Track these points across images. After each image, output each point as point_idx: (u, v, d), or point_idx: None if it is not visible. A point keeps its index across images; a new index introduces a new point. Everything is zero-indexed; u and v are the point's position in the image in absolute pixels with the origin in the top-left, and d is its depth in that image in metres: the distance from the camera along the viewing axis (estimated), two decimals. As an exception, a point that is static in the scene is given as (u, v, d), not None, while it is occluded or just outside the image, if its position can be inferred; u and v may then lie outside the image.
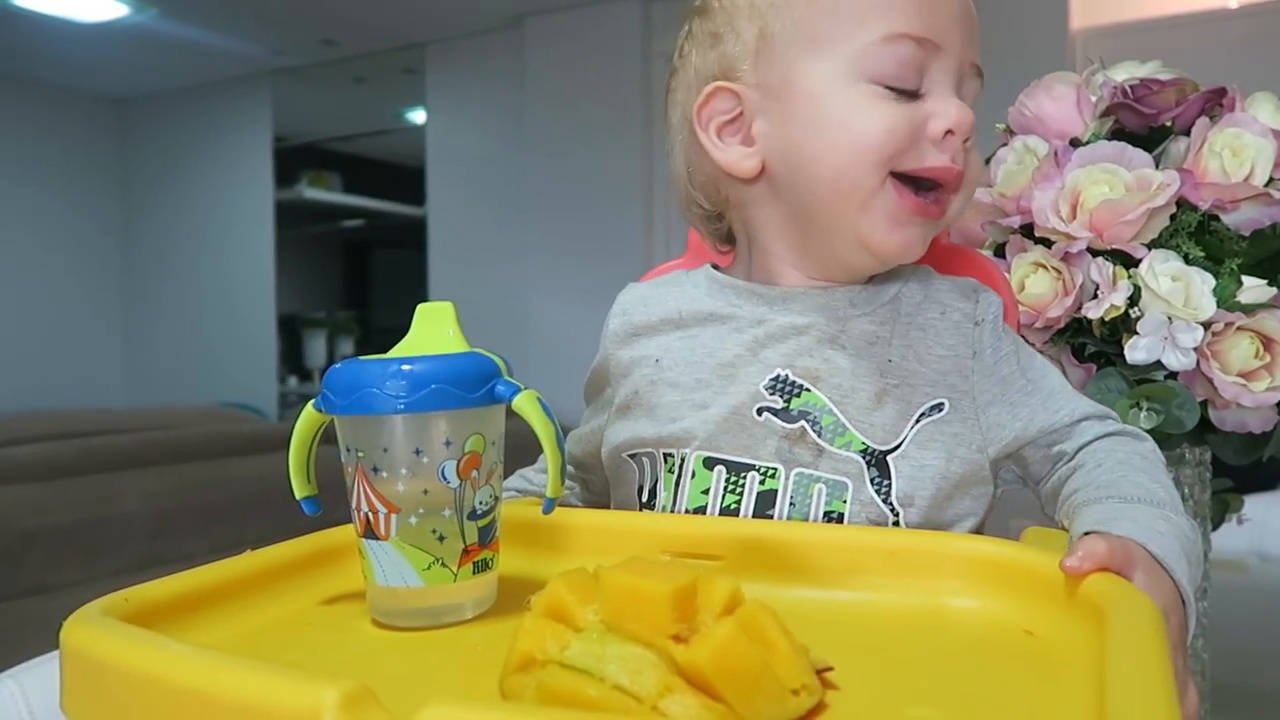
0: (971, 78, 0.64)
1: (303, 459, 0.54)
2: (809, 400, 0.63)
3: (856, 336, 0.65)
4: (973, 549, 0.52)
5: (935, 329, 0.66)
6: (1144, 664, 0.36)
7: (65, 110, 4.94)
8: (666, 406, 0.67)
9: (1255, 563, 1.70)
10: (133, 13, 3.84)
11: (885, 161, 0.61)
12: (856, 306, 0.66)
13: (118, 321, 5.18)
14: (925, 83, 0.62)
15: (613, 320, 0.73)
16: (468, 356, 0.50)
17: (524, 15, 3.83)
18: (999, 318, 0.67)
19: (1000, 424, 0.64)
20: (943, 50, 0.62)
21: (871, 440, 0.62)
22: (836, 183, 0.62)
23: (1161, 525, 0.50)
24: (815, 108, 0.63)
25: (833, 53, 0.62)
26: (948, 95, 0.62)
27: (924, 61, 0.61)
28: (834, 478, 0.62)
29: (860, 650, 0.45)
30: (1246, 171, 0.79)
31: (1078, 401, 0.65)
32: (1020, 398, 0.64)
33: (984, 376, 0.64)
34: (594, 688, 0.36)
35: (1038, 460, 0.65)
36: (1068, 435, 0.64)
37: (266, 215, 4.71)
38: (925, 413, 0.63)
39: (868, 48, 0.61)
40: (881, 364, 0.64)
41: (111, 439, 2.02)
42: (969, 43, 0.63)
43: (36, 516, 1.73)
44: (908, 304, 0.67)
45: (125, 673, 0.37)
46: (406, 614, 0.49)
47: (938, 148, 0.61)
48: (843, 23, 0.62)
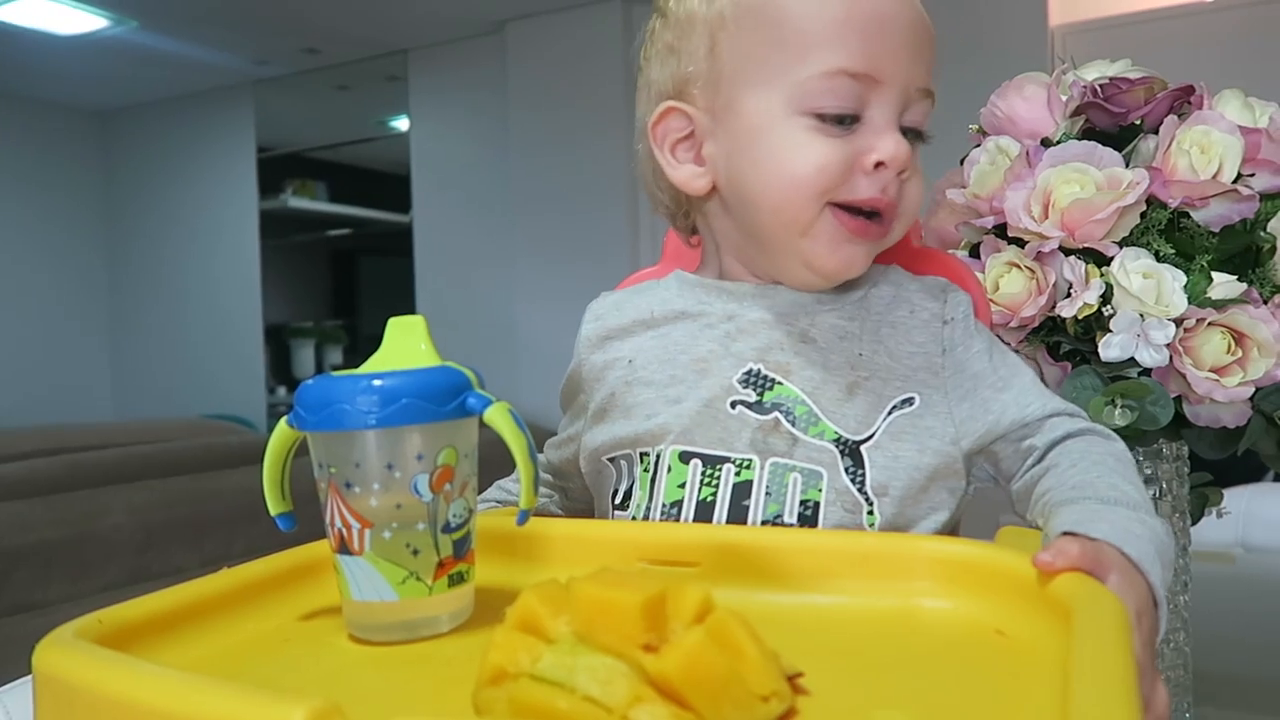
0: (920, 100, 0.66)
1: (277, 475, 0.54)
2: (781, 392, 0.65)
3: (827, 330, 0.67)
4: (944, 550, 0.52)
5: (905, 326, 0.67)
6: (1106, 662, 0.36)
7: (47, 123, 4.93)
8: (641, 404, 0.67)
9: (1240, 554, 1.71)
10: (113, 25, 3.83)
11: (820, 195, 0.64)
12: (825, 303, 0.68)
13: (104, 335, 5.17)
14: (866, 113, 0.64)
15: (585, 326, 0.74)
16: (438, 370, 0.50)
17: (505, 21, 3.83)
18: (969, 315, 0.68)
19: (973, 418, 0.65)
20: (883, 83, 0.63)
21: (844, 430, 0.63)
22: (777, 214, 0.65)
23: (1137, 528, 0.51)
24: (755, 141, 0.65)
25: (775, 84, 0.64)
26: (885, 128, 0.63)
27: (864, 94, 0.63)
28: (809, 466, 0.63)
29: (832, 654, 0.46)
30: (1215, 168, 0.80)
31: (1048, 399, 0.66)
32: (991, 394, 0.66)
33: (955, 373, 0.66)
34: (564, 699, 0.36)
35: (1008, 455, 0.65)
36: (1038, 430, 0.64)
37: (251, 225, 4.70)
38: (897, 405, 0.64)
39: (808, 82, 0.63)
40: (852, 358, 0.66)
41: (98, 454, 2.01)
42: (915, 68, 0.65)
43: (23, 533, 1.72)
44: (877, 303, 0.69)
45: (97, 696, 0.37)
46: (382, 628, 0.50)
47: (869, 179, 0.64)
48: (787, 55, 0.63)
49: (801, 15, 0.63)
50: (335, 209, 4.77)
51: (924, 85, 0.66)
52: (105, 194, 5.17)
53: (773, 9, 0.64)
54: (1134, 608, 0.45)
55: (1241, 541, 1.70)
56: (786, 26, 0.63)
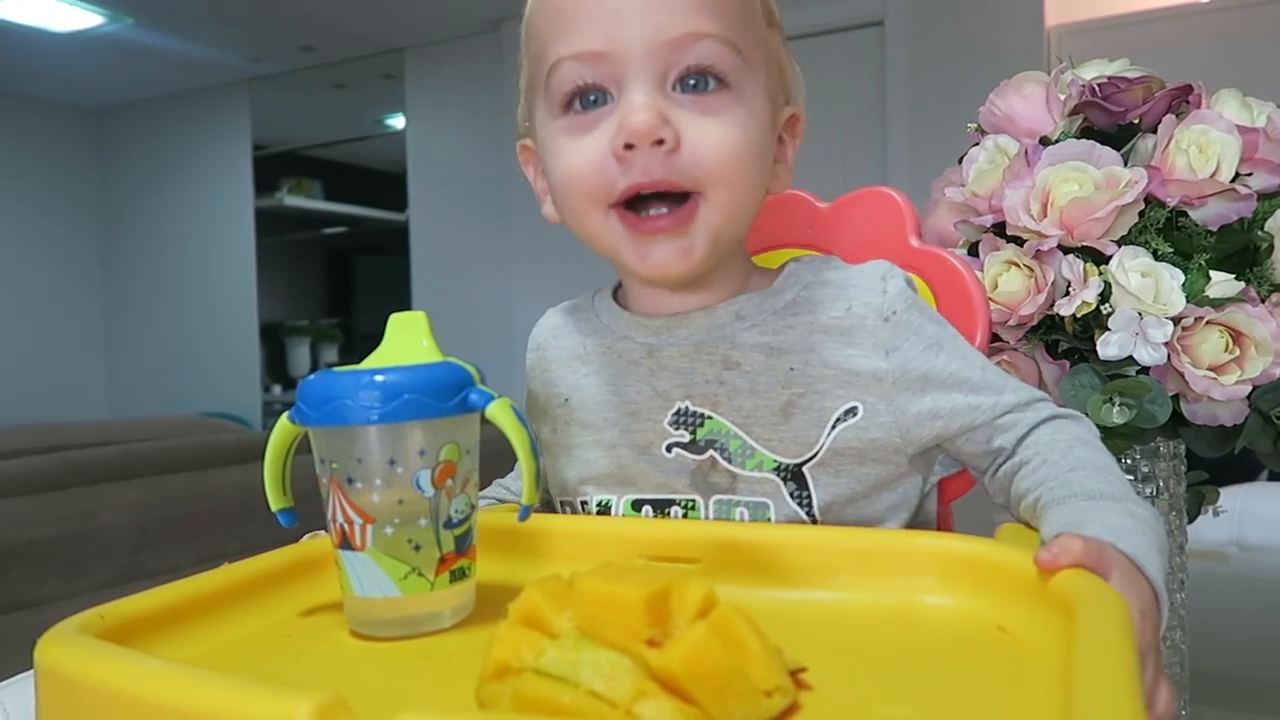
0: (691, 44, 0.57)
1: (278, 471, 0.54)
2: (713, 427, 0.62)
3: (750, 350, 0.62)
4: (946, 546, 0.52)
5: (840, 328, 0.62)
6: (1109, 660, 0.36)
7: (42, 121, 4.91)
8: (580, 447, 0.67)
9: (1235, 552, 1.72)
10: (109, 22, 3.82)
11: (591, 201, 0.59)
12: (746, 319, 0.64)
13: (99, 333, 5.15)
14: (618, 94, 0.58)
15: (529, 355, 0.73)
16: (441, 366, 0.50)
17: (502, 20, 3.83)
18: (911, 306, 0.62)
19: (920, 424, 0.62)
20: (613, 53, 0.57)
21: (783, 455, 0.61)
22: (579, 232, 0.62)
23: (1128, 522, 0.51)
24: (545, 161, 0.63)
25: (538, 96, 0.62)
26: (629, 103, 0.57)
27: (601, 74, 0.57)
28: (753, 499, 0.61)
29: (834, 650, 0.46)
30: (1213, 168, 0.80)
31: (1003, 390, 0.62)
32: (941, 394, 0.62)
33: (900, 376, 0.61)
34: (568, 694, 0.36)
35: (975, 454, 0.63)
36: (1000, 430, 0.62)
37: (247, 223, 4.69)
38: (840, 418, 0.61)
39: (548, 82, 0.60)
40: (783, 375, 0.62)
41: (93, 451, 2.00)
42: (656, 19, 0.56)
43: (18, 531, 1.72)
44: (806, 307, 0.63)
45: (99, 690, 0.37)
46: (384, 624, 0.50)
47: (624, 165, 0.57)
48: (537, 64, 0.61)
49: (535, 21, 0.61)
50: (331, 207, 4.76)
51: (682, 31, 0.56)
52: (101, 191, 5.15)
53: (528, 25, 0.63)
54: (1137, 606, 0.45)
55: (1237, 540, 1.71)
56: (533, 36, 0.62)
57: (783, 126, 0.66)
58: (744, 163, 0.59)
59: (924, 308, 0.64)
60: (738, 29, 0.58)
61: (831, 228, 0.83)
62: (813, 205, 0.84)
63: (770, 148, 0.63)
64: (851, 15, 3.32)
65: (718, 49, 0.57)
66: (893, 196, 0.80)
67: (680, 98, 0.57)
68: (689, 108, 0.57)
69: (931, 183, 0.98)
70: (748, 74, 0.59)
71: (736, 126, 0.58)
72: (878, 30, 3.28)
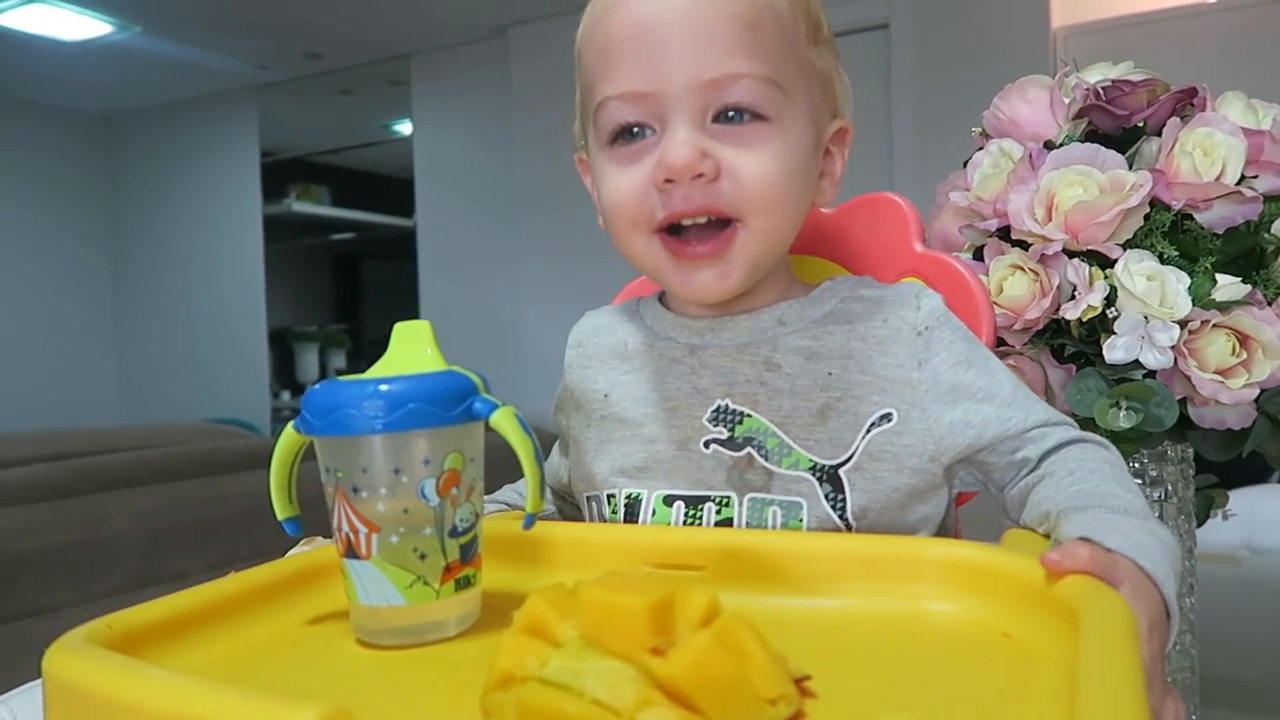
0: (731, 84, 0.59)
1: (284, 480, 0.54)
2: (751, 425, 0.63)
3: (791, 354, 0.64)
4: (951, 553, 0.52)
5: (877, 338, 0.64)
6: (1115, 667, 0.36)
7: (51, 128, 4.94)
8: (616, 441, 0.68)
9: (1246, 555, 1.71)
10: (117, 31, 3.84)
11: (634, 227, 0.63)
12: (787, 324, 0.66)
13: (108, 340, 5.18)
14: (662, 129, 0.61)
15: (569, 352, 0.74)
16: (444, 375, 0.50)
17: (508, 25, 3.84)
18: (944, 323, 0.65)
19: (954, 432, 0.63)
20: (656, 93, 0.60)
21: (819, 456, 0.62)
22: (624, 252, 0.65)
23: (1148, 539, 0.50)
24: (597, 182, 0.67)
25: (589, 126, 0.65)
26: (670, 140, 0.60)
27: (646, 111, 0.61)
28: (787, 499, 0.62)
29: (839, 657, 0.46)
30: (1218, 170, 0.80)
31: (1033, 408, 0.64)
32: (973, 406, 0.63)
33: (932, 386, 0.63)
34: (572, 703, 0.36)
35: (1000, 467, 0.64)
36: (1028, 441, 0.63)
37: (255, 230, 4.71)
38: (875, 423, 0.62)
39: (597, 117, 0.63)
40: (821, 378, 0.63)
41: (102, 458, 2.01)
42: (698, 60, 0.59)
43: (28, 539, 1.72)
44: (845, 317, 0.66)
45: (107, 701, 0.38)
46: (390, 633, 0.50)
47: (664, 195, 0.61)
48: (588, 96, 0.65)
49: (585, 55, 0.65)
50: (339, 213, 4.78)
51: (720, 72, 0.59)
52: (109, 198, 5.18)
53: (579, 54, 0.66)
54: (1146, 619, 0.45)
55: (1247, 543, 1.70)
56: (583, 67, 0.66)
57: (830, 140, 0.68)
58: (783, 192, 0.61)
59: (957, 326, 0.66)
60: (776, 63, 0.60)
61: (836, 232, 0.83)
62: (817, 210, 0.84)
63: (812, 169, 0.65)
64: (856, 19, 3.32)
65: (755, 87, 0.60)
66: (897, 201, 0.80)
67: (719, 129, 0.60)
68: (728, 140, 0.60)
69: (936, 187, 0.98)
70: (787, 105, 0.61)
71: (774, 158, 0.61)
72: (883, 33, 3.28)
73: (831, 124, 0.67)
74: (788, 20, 0.62)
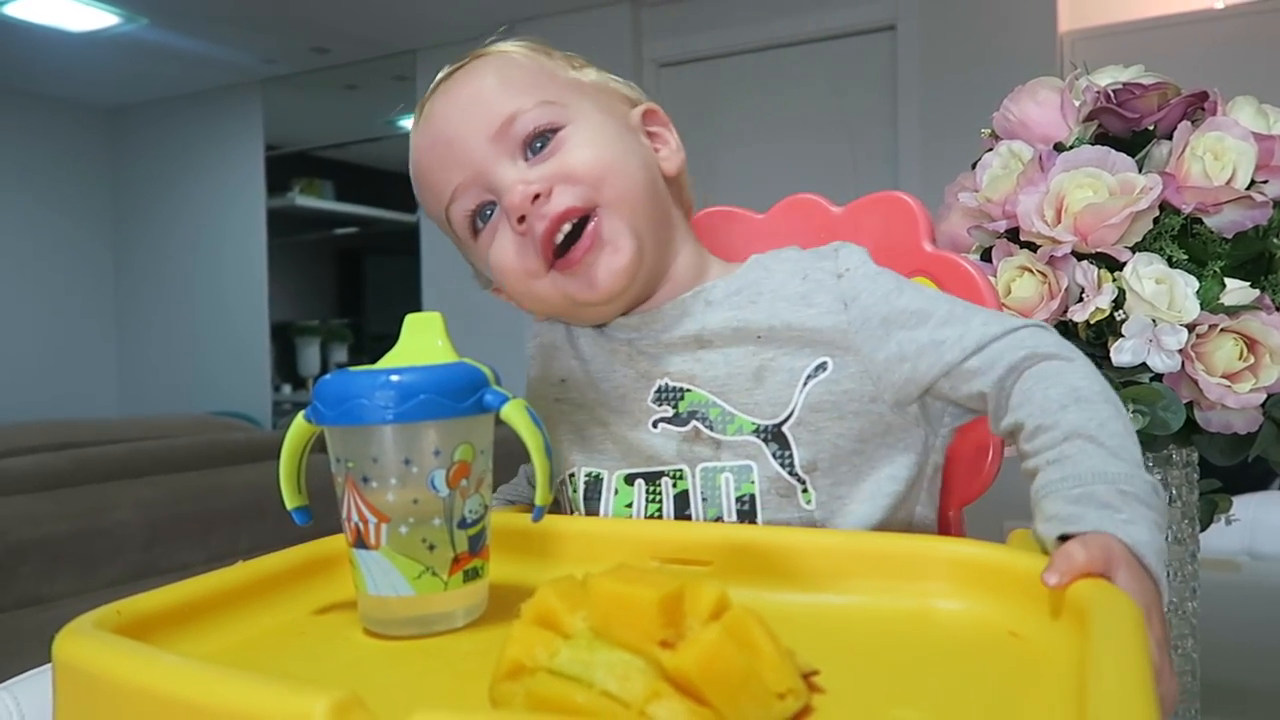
0: (513, 124, 0.66)
1: (293, 469, 0.54)
2: (693, 399, 0.66)
3: (719, 326, 0.67)
4: (958, 551, 0.52)
5: (800, 294, 0.67)
6: (1124, 666, 0.36)
7: (57, 120, 4.94)
8: (576, 425, 0.71)
9: (1247, 561, 1.71)
10: (123, 22, 3.84)
11: (529, 275, 0.68)
12: (713, 303, 0.69)
13: (111, 331, 5.18)
14: (497, 195, 0.67)
15: (529, 343, 0.79)
16: (456, 366, 0.50)
17: (514, 22, 3.83)
18: (866, 263, 0.67)
19: (890, 369, 0.64)
20: (473, 171, 0.67)
21: (761, 418, 0.64)
22: (538, 308, 0.72)
23: (1125, 510, 0.49)
24: (484, 269, 0.75)
25: (459, 243, 0.75)
26: (500, 191, 0.66)
27: (478, 194, 0.68)
28: (737, 463, 0.64)
29: (847, 653, 0.46)
30: (1228, 175, 0.80)
31: (970, 319, 0.63)
32: (905, 335, 0.63)
33: (862, 325, 0.64)
34: (582, 694, 0.36)
35: (966, 398, 0.63)
36: (976, 374, 0.61)
37: (259, 223, 4.71)
38: (811, 374, 0.64)
39: (454, 225, 0.71)
40: (753, 343, 0.66)
41: (105, 449, 2.01)
42: (480, 132, 0.66)
43: (30, 528, 1.72)
44: (766, 283, 0.68)
45: (117, 685, 0.38)
46: (398, 623, 0.50)
47: (529, 231, 0.66)
48: (439, 223, 0.74)
49: (418, 193, 0.74)
50: (342, 208, 4.77)
51: (501, 119, 0.66)
52: (114, 190, 5.18)
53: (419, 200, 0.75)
54: (1144, 603, 0.45)
55: (1249, 549, 1.70)
56: (425, 205, 0.74)
57: (642, 122, 0.73)
58: (609, 161, 0.67)
59: (880, 269, 0.67)
60: (542, 92, 0.68)
61: (845, 231, 0.83)
62: (826, 209, 0.84)
63: (632, 143, 0.70)
64: (864, 20, 3.32)
65: (535, 112, 0.67)
66: (906, 201, 0.80)
67: (533, 160, 0.67)
68: (544, 159, 0.67)
69: (945, 188, 0.98)
70: (572, 111, 0.68)
71: (584, 144, 0.67)
72: (890, 35, 3.28)
73: (632, 111, 0.73)
74: (534, 66, 0.70)
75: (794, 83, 3.47)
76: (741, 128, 3.57)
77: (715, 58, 3.61)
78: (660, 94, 3.72)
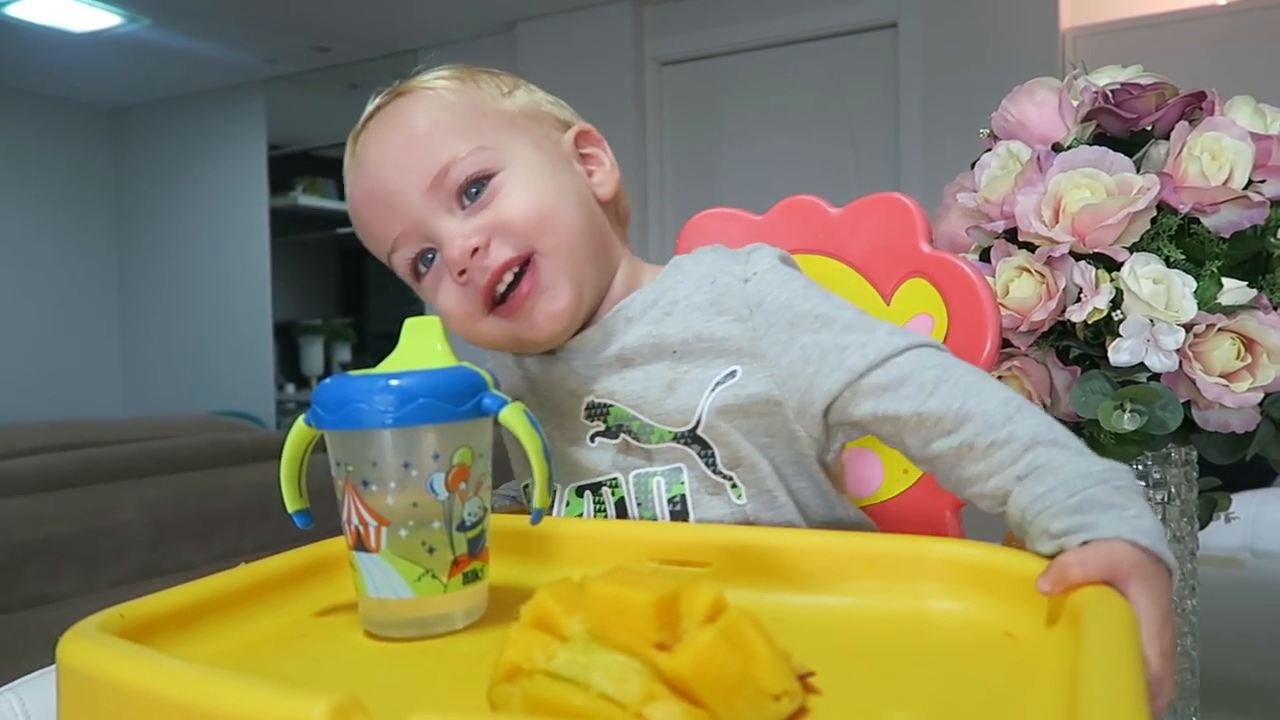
0: (446, 176, 0.67)
1: (294, 473, 0.55)
2: (616, 414, 0.69)
3: (637, 344, 0.68)
4: (954, 552, 0.53)
5: (710, 301, 0.67)
6: (1115, 668, 0.37)
7: (59, 119, 4.95)
8: None
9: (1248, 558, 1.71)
10: (126, 22, 3.84)
11: (471, 319, 0.69)
12: (632, 319, 0.70)
13: (114, 331, 5.19)
14: (436, 242, 0.68)
15: (488, 361, 0.78)
16: (454, 371, 0.51)
17: (516, 20, 3.84)
18: (774, 268, 0.67)
19: (794, 373, 0.64)
20: (411, 221, 0.68)
21: (674, 426, 0.66)
22: (478, 343, 0.72)
23: (1130, 505, 0.49)
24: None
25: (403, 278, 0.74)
26: (440, 244, 0.67)
27: (417, 242, 0.69)
28: (668, 467, 0.67)
29: (843, 654, 0.46)
30: (1225, 175, 0.80)
31: (873, 331, 0.63)
32: (810, 338, 0.64)
33: (768, 329, 0.65)
34: (579, 696, 0.37)
35: (877, 425, 0.62)
36: (885, 390, 0.60)
37: (261, 223, 4.72)
38: (720, 381, 0.66)
39: (397, 269, 0.72)
40: (667, 357, 0.67)
41: (108, 449, 2.02)
42: (414, 184, 0.67)
43: (34, 528, 1.73)
44: (678, 293, 0.69)
45: (120, 688, 0.38)
46: (398, 625, 0.50)
47: (470, 283, 0.67)
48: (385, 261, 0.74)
49: (363, 239, 0.74)
50: (345, 207, 4.76)
51: (436, 169, 0.67)
52: (117, 190, 5.19)
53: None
54: (1159, 611, 0.45)
55: (1250, 546, 1.70)
56: (369, 247, 0.74)
57: (574, 146, 0.74)
58: (546, 206, 0.68)
59: (790, 272, 0.68)
60: (474, 134, 0.68)
61: (843, 232, 0.83)
62: (825, 210, 0.85)
63: (568, 177, 0.71)
64: (865, 18, 3.32)
65: (468, 159, 0.67)
66: (904, 201, 0.80)
67: (471, 207, 0.67)
68: (481, 208, 0.67)
69: (943, 188, 0.98)
70: (505, 153, 0.68)
71: (520, 190, 0.67)
72: (891, 33, 3.28)
73: (565, 136, 0.73)
74: (462, 103, 0.70)
75: (796, 80, 3.47)
76: (743, 125, 3.57)
77: (717, 56, 3.61)
78: (662, 92, 3.72)
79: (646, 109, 3.70)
